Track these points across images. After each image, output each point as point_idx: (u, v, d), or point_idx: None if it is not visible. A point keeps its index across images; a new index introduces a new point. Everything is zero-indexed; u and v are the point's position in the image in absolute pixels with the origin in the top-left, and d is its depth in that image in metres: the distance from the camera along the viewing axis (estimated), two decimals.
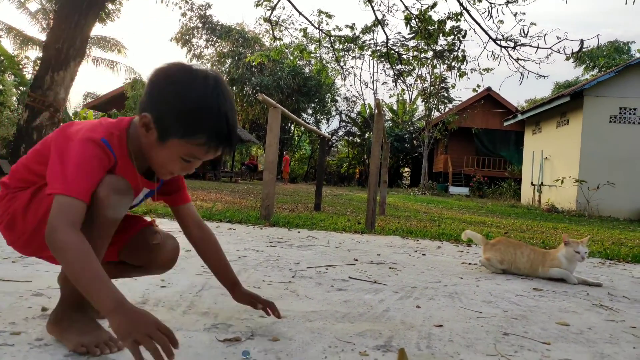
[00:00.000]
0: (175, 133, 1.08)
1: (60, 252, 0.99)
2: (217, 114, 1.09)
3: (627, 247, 4.42)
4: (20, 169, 1.19)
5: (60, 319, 1.16)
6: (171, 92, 1.08)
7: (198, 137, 1.08)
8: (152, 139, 1.11)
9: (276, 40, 11.81)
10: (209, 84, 1.10)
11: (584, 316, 1.81)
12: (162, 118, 1.08)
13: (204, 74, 1.11)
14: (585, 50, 8.48)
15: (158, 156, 1.14)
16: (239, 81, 28.48)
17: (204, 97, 1.08)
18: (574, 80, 30.04)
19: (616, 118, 12.04)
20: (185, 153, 1.11)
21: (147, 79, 1.14)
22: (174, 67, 1.13)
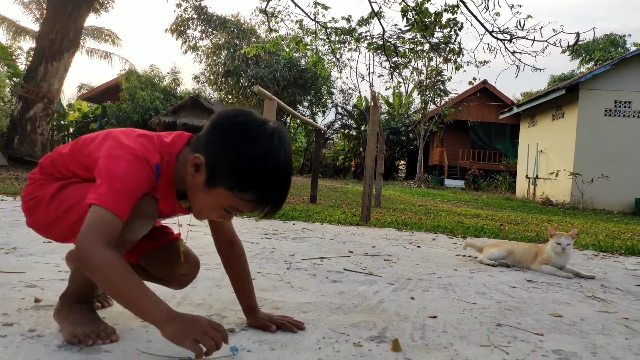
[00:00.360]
0: (224, 183, 1.05)
1: (96, 270, 0.99)
2: (274, 175, 1.05)
3: (620, 240, 4.45)
4: (58, 160, 1.20)
5: (61, 307, 1.18)
6: (231, 142, 1.04)
7: (248, 194, 1.05)
8: (199, 182, 1.07)
9: (272, 32, 11.75)
10: (274, 143, 1.05)
11: (577, 307, 1.82)
12: (215, 165, 1.05)
13: (266, 128, 1.06)
14: (581, 43, 8.49)
15: (200, 200, 1.11)
16: (234, 73, 28.33)
17: (263, 157, 1.03)
18: (569, 74, 30.08)
19: (611, 111, 12.08)
20: (229, 205, 1.08)
21: (212, 119, 1.11)
22: (241, 115, 1.09)
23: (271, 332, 1.25)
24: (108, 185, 1.02)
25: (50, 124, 10.09)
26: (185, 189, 1.15)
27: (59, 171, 1.20)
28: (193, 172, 1.08)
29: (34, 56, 9.81)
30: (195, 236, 2.80)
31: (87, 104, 22.14)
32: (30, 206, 1.20)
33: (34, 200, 1.19)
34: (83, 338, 1.09)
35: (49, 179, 1.20)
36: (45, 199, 1.17)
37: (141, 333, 1.18)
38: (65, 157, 1.19)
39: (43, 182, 1.20)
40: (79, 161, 1.17)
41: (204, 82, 31.26)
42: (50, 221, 1.17)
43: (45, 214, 1.17)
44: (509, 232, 4.50)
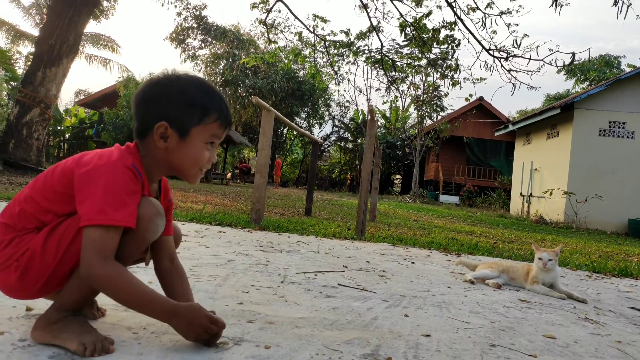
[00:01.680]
0: (193, 122, 1.20)
1: (103, 287, 1.09)
2: (213, 91, 1.25)
3: (613, 261, 4.46)
4: (28, 208, 1.15)
5: (55, 321, 1.14)
6: (171, 93, 1.20)
7: (211, 116, 1.22)
8: (174, 142, 1.20)
9: (271, 43, 11.83)
10: (192, 75, 1.25)
11: (570, 329, 1.82)
12: (176, 117, 1.19)
13: (175, 72, 1.24)
14: (576, 63, 8.59)
15: (187, 155, 1.22)
16: (232, 83, 28.43)
17: (199, 84, 1.23)
18: (565, 93, 30.40)
19: (605, 131, 12.20)
20: (207, 136, 1.23)
21: (135, 104, 1.23)
22: (152, 82, 1.23)
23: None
24: (92, 202, 1.07)
25: (47, 129, 10.05)
26: (160, 175, 1.28)
27: (37, 219, 1.15)
28: (163, 143, 1.20)
29: (33, 61, 9.80)
30: (189, 247, 2.79)
31: (84, 110, 22.13)
32: (20, 268, 1.12)
33: (20, 261, 1.12)
34: (91, 346, 1.08)
35: (26, 233, 1.14)
36: (37, 254, 1.11)
37: (133, 345, 1.17)
38: (39, 199, 1.15)
39: (21, 239, 1.13)
40: (59, 199, 1.14)
41: None
42: (50, 272, 1.12)
43: (41, 268, 1.12)
44: (503, 250, 4.51)
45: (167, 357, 1.11)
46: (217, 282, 1.96)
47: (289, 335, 1.38)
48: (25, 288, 1.15)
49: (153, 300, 1.12)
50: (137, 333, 1.25)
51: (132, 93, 16.23)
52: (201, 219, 4.39)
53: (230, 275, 2.14)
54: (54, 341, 1.11)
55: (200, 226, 3.96)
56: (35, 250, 1.11)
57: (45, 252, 1.12)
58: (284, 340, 1.33)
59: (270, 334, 1.37)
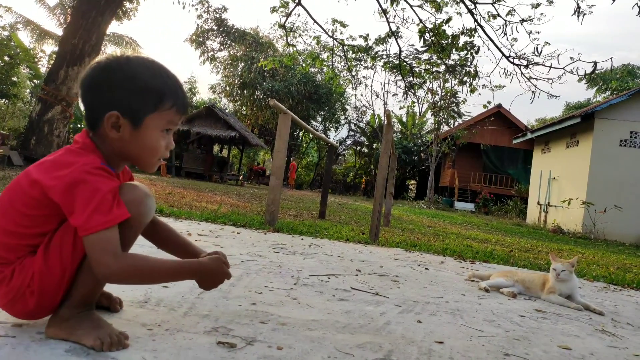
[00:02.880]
0: (147, 110, 1.14)
1: (125, 279, 1.14)
2: (166, 75, 1.18)
3: (632, 273, 4.37)
4: (6, 240, 1.10)
5: (68, 318, 1.14)
6: (120, 79, 1.13)
7: (166, 102, 1.16)
8: (127, 133, 1.15)
9: (289, 46, 11.89)
10: (140, 59, 1.17)
11: (586, 341, 1.79)
12: (128, 105, 1.13)
13: (125, 56, 1.17)
14: (598, 72, 8.46)
15: (143, 144, 1.17)
16: (250, 85, 28.64)
17: (151, 67, 1.16)
18: (585, 102, 29.94)
19: (627, 142, 11.98)
20: (162, 123, 1.18)
21: (83, 92, 1.15)
22: (97, 67, 1.15)
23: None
24: (82, 212, 1.05)
25: (67, 126, 10.24)
26: (120, 165, 1.23)
27: (28, 245, 1.11)
28: (116, 133, 1.14)
29: (56, 59, 10.00)
30: (204, 246, 2.81)
31: None
32: (35, 289, 1.10)
33: (33, 280, 1.09)
34: (107, 341, 1.09)
35: (21, 260, 1.11)
36: (45, 275, 1.10)
37: (147, 342, 1.18)
38: (5, 228, 1.10)
39: (21, 267, 1.10)
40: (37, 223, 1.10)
41: (219, 93, 31.64)
42: (67, 281, 1.13)
43: (52, 282, 1.11)
44: (519, 258, 4.45)
45: (180, 355, 1.12)
46: (230, 282, 1.97)
47: (301, 337, 1.38)
48: (45, 308, 1.15)
49: (177, 269, 1.20)
50: (151, 330, 1.27)
51: None
52: (216, 219, 4.42)
53: (244, 275, 2.15)
54: (69, 338, 1.12)
55: (215, 226, 3.99)
56: (41, 270, 1.09)
57: (50, 268, 1.10)
58: (296, 342, 1.33)
59: (282, 335, 1.38)
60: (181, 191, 8.48)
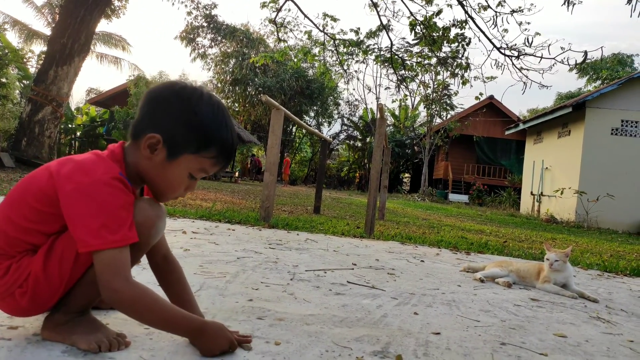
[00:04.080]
0: (188, 148, 1.10)
1: (129, 309, 1.06)
2: (226, 127, 1.13)
3: (625, 260, 4.42)
4: (9, 231, 1.07)
5: (63, 322, 1.12)
6: (181, 108, 1.10)
7: (210, 151, 1.12)
8: (159, 160, 1.11)
9: (281, 42, 11.84)
10: (213, 100, 1.13)
11: (581, 328, 1.81)
12: (173, 136, 1.09)
13: (202, 90, 1.13)
14: (589, 61, 8.50)
15: (166, 176, 1.13)
16: (242, 81, 28.51)
17: (214, 112, 1.12)
18: (576, 91, 30.08)
19: (618, 130, 12.05)
20: (195, 168, 1.14)
21: (146, 99, 1.12)
22: (174, 84, 1.13)
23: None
24: (88, 226, 1.00)
25: (58, 127, 10.16)
26: (140, 183, 1.16)
27: (26, 242, 1.08)
28: (149, 155, 1.10)
29: (45, 59, 9.90)
30: (199, 244, 2.81)
31: (95, 109, 22.30)
32: (29, 289, 1.07)
33: (28, 280, 1.07)
34: (104, 344, 1.08)
35: (20, 257, 1.08)
36: (41, 277, 1.07)
37: (145, 341, 1.18)
38: (11, 218, 1.08)
39: (18, 265, 1.07)
40: (43, 219, 1.07)
41: (211, 90, 31.43)
42: (63, 289, 1.10)
43: (49, 288, 1.08)
44: (513, 249, 4.48)
45: (178, 354, 1.12)
46: (226, 279, 1.97)
47: (299, 332, 1.38)
48: (39, 307, 1.12)
49: (179, 318, 1.09)
50: (148, 329, 1.26)
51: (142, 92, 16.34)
52: (211, 216, 4.41)
53: (240, 272, 2.15)
54: (64, 342, 1.10)
55: (210, 224, 3.98)
56: (37, 274, 1.07)
57: (49, 276, 1.07)
58: (294, 336, 1.34)
59: (280, 330, 1.38)
60: None
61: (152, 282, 1.76)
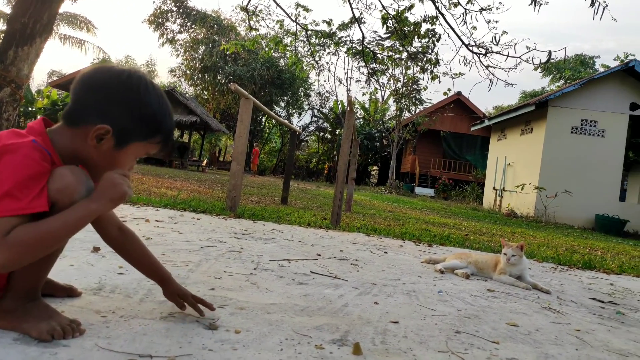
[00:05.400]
0: (138, 137, 1.14)
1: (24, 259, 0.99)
2: (170, 115, 1.20)
3: (579, 254, 4.62)
4: None
5: (13, 309, 1.10)
6: (131, 100, 1.10)
7: (157, 137, 1.17)
8: (105, 148, 1.11)
9: (252, 30, 11.68)
10: (157, 89, 1.16)
11: (532, 318, 1.89)
12: (123, 127, 1.10)
13: (145, 78, 1.15)
14: (553, 61, 8.75)
15: (114, 162, 1.14)
16: (211, 69, 28.06)
17: (159, 102, 1.16)
18: (540, 90, 31.00)
19: (577, 129, 12.51)
20: (141, 153, 1.19)
21: (84, 87, 1.09)
22: (117, 74, 1.10)
23: (180, 310, 1.37)
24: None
25: (18, 109, 9.74)
26: (69, 163, 1.10)
27: None
28: (95, 144, 1.09)
29: (4, 39, 9.45)
30: (162, 232, 2.77)
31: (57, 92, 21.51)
32: None
33: None
34: (58, 332, 1.06)
35: None
36: None
37: (101, 329, 1.16)
38: None
39: None
40: None
41: (179, 76, 30.87)
42: None
43: None
44: (474, 241, 4.61)
45: (135, 341, 1.12)
46: (189, 268, 1.95)
47: (260, 321, 1.39)
48: None
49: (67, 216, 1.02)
50: (105, 317, 1.25)
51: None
52: (175, 205, 4.35)
53: (203, 261, 2.14)
54: (15, 330, 1.08)
55: (174, 212, 3.93)
56: None
57: None
58: (254, 325, 1.35)
59: (240, 319, 1.39)
60: (139, 177, 8.27)
61: (112, 270, 1.73)
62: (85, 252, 1.97)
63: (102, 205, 1.07)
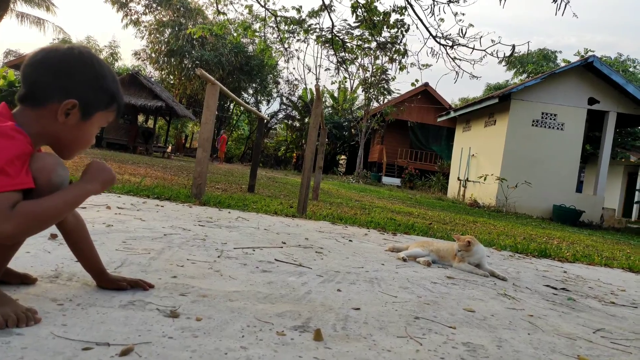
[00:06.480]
0: (100, 107, 1.24)
1: (29, 232, 1.09)
2: (118, 81, 1.30)
3: (536, 243, 4.80)
4: None
5: None
6: (90, 74, 1.20)
7: (114, 105, 1.28)
8: (72, 122, 1.19)
9: (220, 14, 11.46)
10: (103, 61, 1.27)
11: (489, 304, 1.96)
12: (87, 99, 1.19)
13: (93, 53, 1.25)
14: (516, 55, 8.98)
15: (81, 135, 1.23)
16: (178, 53, 27.42)
17: (110, 72, 1.26)
18: (504, 83, 31.73)
19: (538, 122, 12.90)
20: (103, 122, 1.28)
21: (40, 69, 1.15)
22: (68, 52, 1.19)
23: (124, 289, 1.41)
24: None
25: None
26: (39, 146, 1.20)
27: None
28: (64, 119, 1.17)
29: None
30: (124, 219, 2.72)
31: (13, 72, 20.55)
32: None
33: None
34: (12, 319, 1.04)
35: None
36: None
37: (57, 317, 1.14)
38: None
39: None
40: None
41: (144, 60, 30.03)
42: None
43: None
44: (437, 230, 4.72)
45: (92, 329, 1.10)
46: (151, 256, 1.93)
47: (222, 308, 1.39)
48: None
49: (68, 196, 1.13)
50: (62, 305, 1.22)
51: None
52: (139, 192, 4.26)
53: (166, 249, 2.11)
54: None
55: (137, 199, 3.85)
56: None
57: None
58: (216, 312, 1.35)
59: (202, 306, 1.38)
60: None
61: (69, 258, 1.69)
62: (42, 239, 1.91)
63: (95, 186, 1.20)
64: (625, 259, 4.40)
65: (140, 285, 1.45)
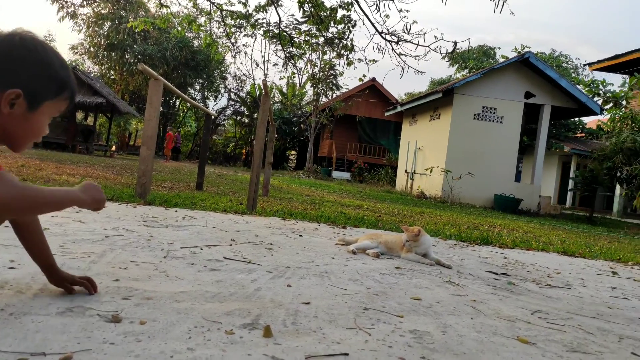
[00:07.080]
0: (48, 96, 1.16)
1: (12, 193, 1.07)
2: (68, 67, 1.23)
3: (479, 231, 5.00)
4: None
5: None
6: (33, 61, 1.12)
7: (65, 93, 1.20)
8: (19, 113, 1.12)
9: (163, 7, 11.11)
10: (50, 46, 1.19)
11: (434, 291, 2.02)
12: (33, 88, 1.12)
13: (37, 37, 1.17)
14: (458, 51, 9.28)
15: (30, 126, 1.16)
16: (118, 47, 26.36)
17: (58, 58, 1.19)
18: (447, 78, 32.77)
19: (479, 115, 13.43)
20: (54, 111, 1.21)
21: None
22: (16, 38, 1.12)
23: (70, 294, 1.38)
24: None
25: None
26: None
27: None
28: (9, 110, 1.11)
29: None
30: (61, 222, 2.59)
31: None
32: None
33: None
34: None
35: None
36: None
37: None
38: None
39: None
40: None
41: (82, 54, 28.64)
42: None
43: None
44: (386, 222, 4.82)
45: (27, 339, 1.04)
46: (91, 259, 1.85)
47: (167, 310, 1.36)
48: None
49: (57, 193, 1.13)
50: None
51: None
52: None
53: (107, 251, 2.03)
54: None
55: None
56: None
57: None
58: (161, 315, 1.31)
59: (147, 309, 1.34)
60: (37, 163, 7.61)
61: (1, 265, 1.59)
62: None
63: (86, 198, 1.19)
64: (561, 244, 4.68)
65: (87, 287, 1.41)
